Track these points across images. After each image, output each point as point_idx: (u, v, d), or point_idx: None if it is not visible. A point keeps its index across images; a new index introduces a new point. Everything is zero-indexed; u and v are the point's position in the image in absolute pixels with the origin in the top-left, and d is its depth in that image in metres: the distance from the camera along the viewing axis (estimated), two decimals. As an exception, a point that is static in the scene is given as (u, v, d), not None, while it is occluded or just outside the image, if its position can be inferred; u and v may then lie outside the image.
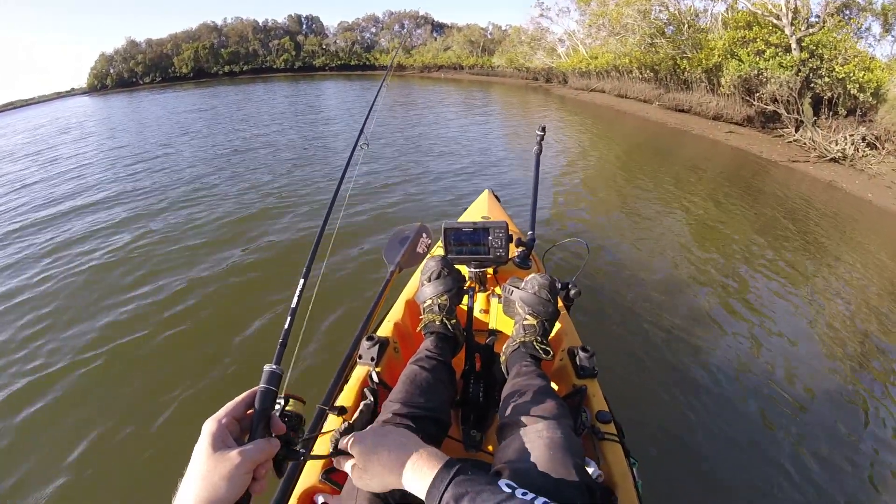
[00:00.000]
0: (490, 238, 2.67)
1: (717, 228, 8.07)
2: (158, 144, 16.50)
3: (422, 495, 1.02)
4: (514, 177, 10.75)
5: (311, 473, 1.72)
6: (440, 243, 2.88)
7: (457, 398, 2.27)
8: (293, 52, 76.51)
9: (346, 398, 2.07)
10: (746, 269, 6.61)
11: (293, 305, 1.31)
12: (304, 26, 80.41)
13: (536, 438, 1.47)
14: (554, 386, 2.14)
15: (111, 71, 73.57)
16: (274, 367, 1.07)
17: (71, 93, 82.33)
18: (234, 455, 0.90)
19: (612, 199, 9.50)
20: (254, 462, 0.93)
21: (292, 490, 1.66)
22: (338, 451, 1.19)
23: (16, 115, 51.02)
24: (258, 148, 14.69)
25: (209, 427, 0.94)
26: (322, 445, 1.76)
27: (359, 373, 2.22)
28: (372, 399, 2.00)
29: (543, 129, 3.42)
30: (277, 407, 1.11)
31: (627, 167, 12.36)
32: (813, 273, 6.74)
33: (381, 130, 16.62)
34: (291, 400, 1.15)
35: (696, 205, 9.24)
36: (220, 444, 0.92)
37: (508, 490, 0.99)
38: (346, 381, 2.19)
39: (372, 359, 2.26)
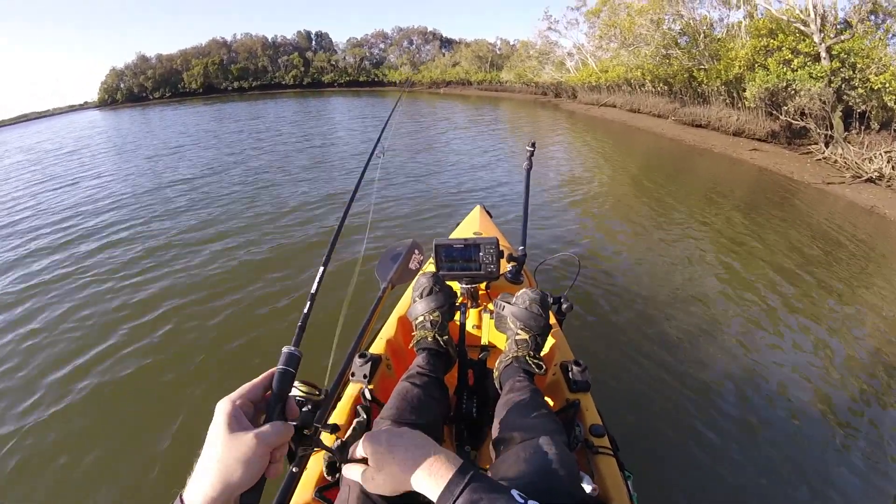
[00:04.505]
0: (481, 254, 2.68)
1: (733, 252, 7.62)
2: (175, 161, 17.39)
3: (434, 498, 0.99)
4: (513, 192, 10.80)
5: (304, 490, 1.70)
6: (432, 260, 2.86)
7: (450, 414, 2.26)
8: (302, 69, 76.81)
9: (338, 416, 2.07)
10: (757, 294, 6.26)
11: (313, 291, 1.28)
12: (314, 42, 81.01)
13: (531, 455, 1.47)
14: (548, 400, 2.12)
15: (121, 85, 74.20)
16: (293, 349, 1.06)
17: (84, 106, 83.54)
18: (250, 438, 0.88)
19: (617, 219, 9.22)
20: (270, 445, 0.91)
21: None
22: (346, 458, 1.16)
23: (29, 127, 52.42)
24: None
25: (224, 408, 0.92)
26: (315, 463, 1.78)
27: (351, 390, 2.23)
28: (365, 416, 2.01)
29: (533, 145, 3.60)
30: (294, 392, 1.08)
31: (639, 187, 11.74)
32: (836, 303, 6.27)
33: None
34: (306, 386, 1.10)
35: (712, 228, 8.71)
36: (236, 425, 0.90)
37: (521, 500, 0.98)
38: (338, 399, 2.19)
39: (364, 376, 2.26)
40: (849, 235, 8.68)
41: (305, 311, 1.20)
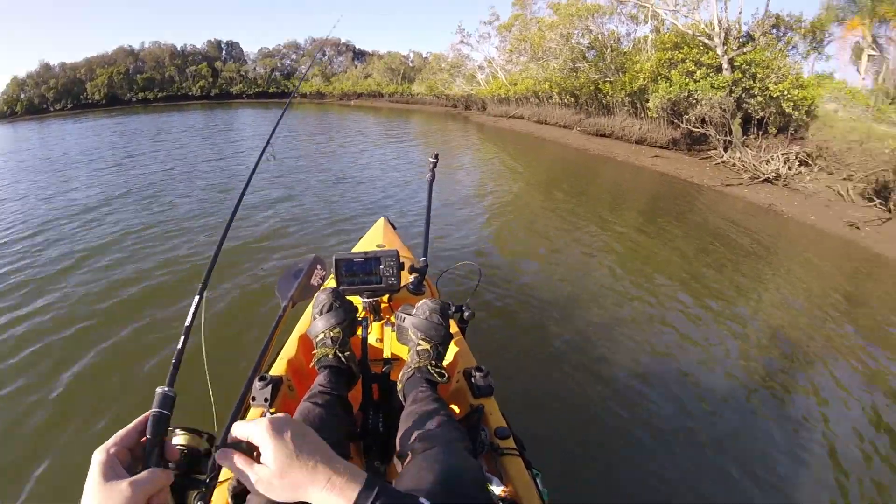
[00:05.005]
0: (381, 267, 2.65)
1: (637, 254, 7.96)
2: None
3: None
4: (420, 203, 10.43)
5: None
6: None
7: (357, 431, 2.25)
8: (210, 79, 74.41)
9: None
10: (659, 291, 6.53)
11: (187, 323, 1.23)
12: (224, 52, 78.54)
13: (433, 464, 1.46)
14: (454, 408, 2.30)
15: (22, 96, 70.37)
16: (167, 389, 1.02)
17: (-16, 116, 79.41)
18: (124, 486, 0.85)
19: (523, 227, 9.35)
20: (146, 492, 0.87)
21: None
22: (227, 443, 0.98)
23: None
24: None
25: (98, 457, 0.88)
26: (220, 495, 1.65)
27: (253, 415, 2.11)
28: None
29: (436, 157, 3.66)
30: (176, 441, 1.04)
31: (545, 196, 12.02)
32: (738, 296, 6.63)
33: (290, 163, 15.99)
34: (188, 435, 1.05)
35: (617, 232, 9.03)
36: (111, 474, 0.86)
37: None
38: None
39: (266, 399, 2.16)
40: (749, 232, 9.17)
41: (179, 346, 1.17)
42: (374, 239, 4.20)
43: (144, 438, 0.95)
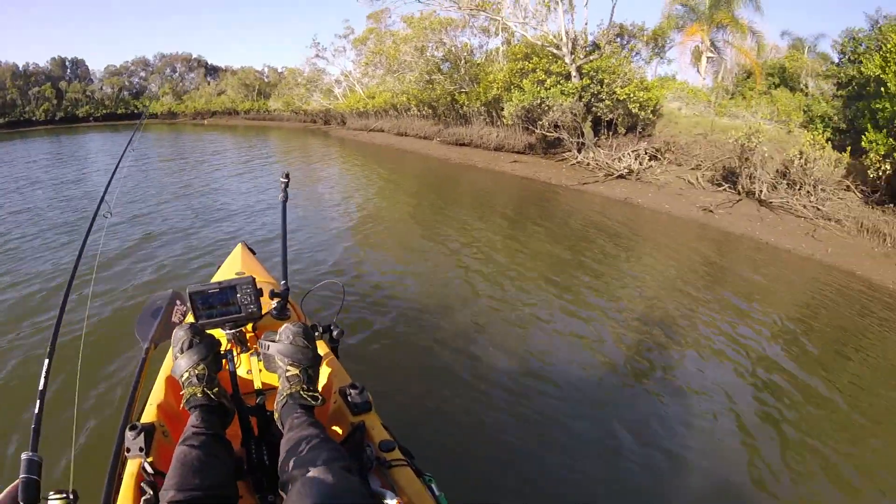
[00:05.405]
0: (239, 295, 2.47)
1: (504, 255, 8.05)
2: None
3: None
4: (297, 225, 10.02)
5: None
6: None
7: (243, 468, 2.16)
8: (55, 101, 68.87)
9: (124, 499, 1.81)
10: (528, 288, 6.68)
11: (40, 388, 1.31)
12: (69, 71, 73.24)
13: (311, 488, 1.45)
14: (336, 429, 2.27)
15: None
16: (31, 454, 1.11)
17: None
18: None
19: (391, 239, 9.34)
20: None
21: None
22: None
23: None
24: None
25: None
26: None
27: (131, 468, 1.95)
28: (151, 492, 1.79)
29: (287, 176, 3.54)
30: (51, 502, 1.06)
31: (411, 207, 12.07)
32: (609, 284, 6.88)
33: (148, 194, 14.27)
34: (62, 498, 1.12)
35: (482, 236, 9.21)
36: None
37: None
38: (119, 481, 1.93)
39: (140, 449, 1.97)
40: (611, 225, 9.61)
41: (36, 411, 1.19)
42: (233, 267, 4.06)
43: None
